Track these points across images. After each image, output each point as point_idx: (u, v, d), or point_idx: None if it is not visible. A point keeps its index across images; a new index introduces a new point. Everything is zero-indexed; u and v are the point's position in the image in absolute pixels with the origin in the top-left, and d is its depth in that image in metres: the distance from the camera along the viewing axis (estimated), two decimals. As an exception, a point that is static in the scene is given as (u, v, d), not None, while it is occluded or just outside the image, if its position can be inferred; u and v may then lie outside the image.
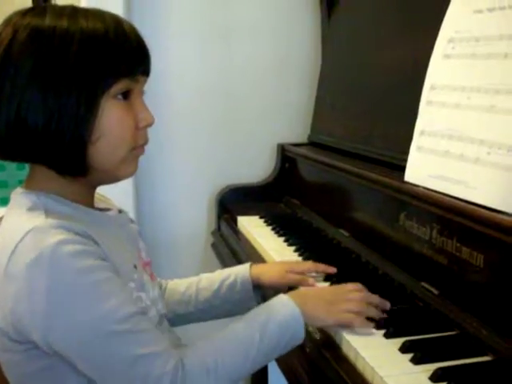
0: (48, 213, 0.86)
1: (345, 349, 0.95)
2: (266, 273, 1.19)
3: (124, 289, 0.88)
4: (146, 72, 0.94)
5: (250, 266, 1.20)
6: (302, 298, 0.97)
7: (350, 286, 1.05)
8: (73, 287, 0.81)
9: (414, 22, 1.35)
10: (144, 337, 0.84)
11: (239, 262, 1.57)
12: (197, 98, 2.00)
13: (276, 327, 0.90)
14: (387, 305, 1.03)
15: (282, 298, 0.96)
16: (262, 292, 1.21)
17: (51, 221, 0.84)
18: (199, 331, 1.30)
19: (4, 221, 0.91)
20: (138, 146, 0.94)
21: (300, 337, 0.93)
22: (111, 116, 0.87)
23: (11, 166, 1.95)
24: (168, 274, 1.24)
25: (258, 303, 1.19)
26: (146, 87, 0.96)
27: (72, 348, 0.82)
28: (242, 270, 1.19)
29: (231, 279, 1.17)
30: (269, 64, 2.05)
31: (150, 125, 0.94)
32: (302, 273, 1.19)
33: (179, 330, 1.12)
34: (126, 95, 0.90)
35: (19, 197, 0.90)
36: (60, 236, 0.82)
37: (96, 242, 0.86)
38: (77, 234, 0.84)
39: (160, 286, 1.17)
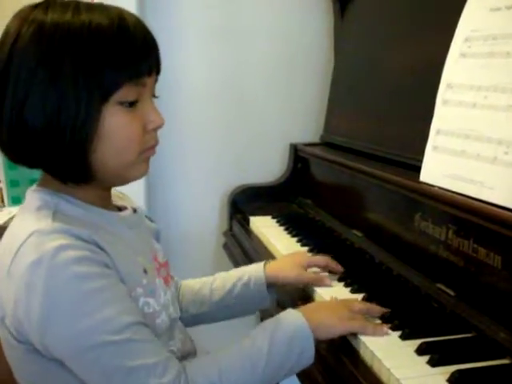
0: (56, 214, 0.85)
1: (361, 350, 0.94)
2: (280, 272, 1.18)
3: (126, 298, 0.85)
4: (154, 71, 0.90)
5: (265, 265, 1.19)
6: (309, 311, 0.96)
7: (351, 299, 1.06)
8: (69, 293, 0.79)
9: (429, 21, 1.34)
10: (142, 347, 0.81)
11: (251, 262, 1.55)
12: (209, 98, 2.00)
13: (284, 339, 0.89)
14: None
15: (289, 312, 0.94)
16: (277, 292, 1.20)
17: (56, 224, 0.83)
18: (211, 334, 1.30)
19: (15, 218, 0.91)
20: (147, 149, 0.91)
21: (310, 354, 0.91)
22: (114, 122, 0.84)
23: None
24: (180, 273, 1.24)
25: (273, 303, 1.19)
26: (158, 88, 0.93)
27: (67, 354, 0.81)
28: (255, 269, 1.19)
29: (245, 279, 1.17)
30: (281, 64, 2.04)
31: (159, 127, 0.91)
32: (314, 265, 1.21)
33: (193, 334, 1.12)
34: (132, 103, 0.86)
35: (32, 195, 0.90)
36: (62, 241, 0.80)
37: (102, 248, 0.84)
38: (81, 239, 0.82)
39: (176, 287, 1.17)
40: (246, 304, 1.17)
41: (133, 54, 0.85)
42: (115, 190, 1.01)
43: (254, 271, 1.18)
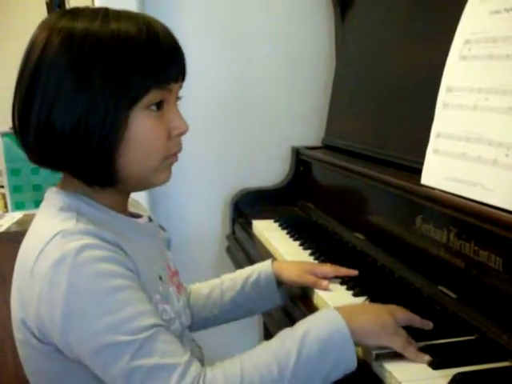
0: (80, 216, 0.86)
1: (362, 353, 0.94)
2: (285, 270, 1.18)
3: (147, 301, 0.85)
4: (179, 79, 0.91)
5: (272, 263, 1.20)
6: (349, 312, 0.89)
7: (399, 313, 0.95)
8: (91, 291, 0.80)
9: (429, 24, 1.34)
10: (163, 348, 0.80)
11: (254, 265, 1.57)
12: (211, 101, 2.01)
13: (316, 341, 0.83)
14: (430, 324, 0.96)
15: (325, 311, 0.89)
16: (286, 290, 1.21)
17: (81, 225, 0.83)
18: (217, 341, 1.30)
19: (36, 219, 0.91)
20: (170, 155, 0.93)
21: (350, 357, 0.84)
22: (141, 127, 0.86)
23: (26, 172, 1.96)
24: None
25: (285, 300, 1.20)
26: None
27: (88, 352, 0.81)
28: (264, 267, 1.19)
29: (254, 276, 1.17)
30: (282, 67, 2.05)
31: (183, 133, 0.93)
32: (322, 276, 1.18)
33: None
34: (159, 105, 0.88)
35: (53, 196, 0.90)
36: (87, 240, 0.81)
37: (124, 251, 0.85)
38: (106, 241, 0.83)
39: (187, 295, 1.17)
40: (256, 302, 1.18)
41: (161, 61, 0.86)
42: (130, 198, 1.02)
43: (263, 269, 1.19)
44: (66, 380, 0.88)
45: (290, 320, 1.18)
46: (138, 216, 1.01)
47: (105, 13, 0.86)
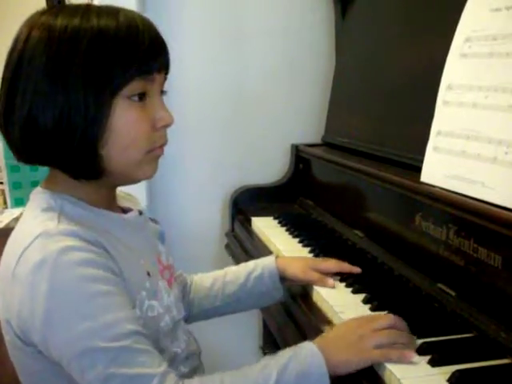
0: (62, 216, 0.85)
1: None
2: (290, 266, 1.18)
3: (128, 306, 0.84)
4: (162, 70, 0.91)
5: (276, 258, 1.20)
6: (327, 345, 0.89)
7: (375, 316, 0.99)
8: (72, 294, 0.79)
9: (429, 21, 1.34)
10: (140, 357, 0.80)
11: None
12: (210, 99, 2.00)
13: (296, 372, 0.84)
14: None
15: (307, 345, 0.89)
16: (288, 286, 1.21)
17: (62, 226, 0.83)
18: (214, 333, 1.30)
19: (20, 221, 0.91)
20: (155, 148, 0.91)
21: None
22: (124, 117, 0.86)
23: (25, 168, 1.96)
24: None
25: (285, 296, 1.19)
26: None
27: (65, 356, 0.80)
28: (268, 262, 1.19)
29: (258, 271, 1.17)
30: (282, 65, 2.05)
31: (168, 125, 0.92)
32: (326, 271, 1.18)
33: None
34: (141, 96, 0.88)
35: (37, 197, 0.90)
36: (68, 242, 0.80)
37: (107, 251, 0.85)
38: (87, 241, 0.82)
39: (183, 286, 1.17)
40: (258, 296, 1.18)
41: (141, 51, 0.86)
42: (123, 191, 1.02)
43: (266, 264, 1.18)
44: (53, 380, 0.87)
45: (289, 316, 1.18)
46: (129, 210, 1.00)
47: (86, 9, 0.86)
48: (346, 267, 1.20)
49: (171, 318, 0.97)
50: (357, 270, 1.20)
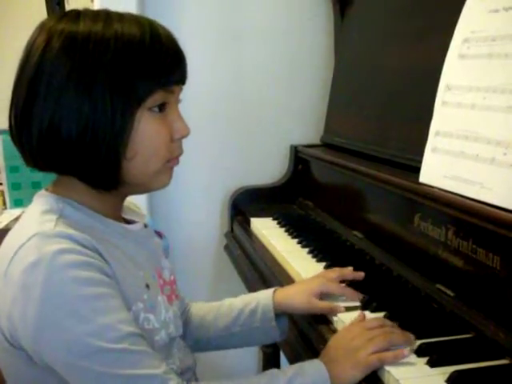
0: (60, 219, 0.84)
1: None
2: (290, 300, 1.10)
3: (124, 309, 0.83)
4: (181, 81, 0.91)
5: (274, 292, 1.12)
6: (330, 360, 0.89)
7: (368, 322, 0.97)
8: (66, 297, 0.77)
9: (428, 22, 1.34)
10: (140, 358, 0.79)
11: (252, 263, 1.57)
12: (210, 100, 2.00)
13: None
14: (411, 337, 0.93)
15: (313, 362, 0.89)
16: (288, 322, 1.14)
17: (59, 229, 0.81)
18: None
19: (19, 220, 0.90)
20: (173, 158, 0.92)
21: None
22: (146, 129, 0.85)
23: (25, 169, 1.96)
24: (181, 275, 1.24)
25: (285, 335, 1.13)
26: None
27: (60, 361, 0.79)
28: (264, 296, 1.12)
29: (252, 306, 1.10)
30: (281, 66, 2.05)
31: (184, 136, 0.92)
32: (332, 291, 1.11)
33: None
34: (161, 107, 0.88)
35: (39, 199, 0.89)
36: (63, 245, 0.79)
37: (103, 257, 0.83)
38: (83, 245, 0.81)
39: (184, 307, 1.14)
40: (251, 333, 1.11)
41: (165, 62, 0.86)
42: (131, 204, 1.01)
43: (262, 298, 1.11)
44: None
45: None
46: (132, 222, 0.98)
47: (107, 15, 0.85)
48: (349, 275, 1.16)
49: (167, 334, 0.94)
50: (360, 275, 1.16)
